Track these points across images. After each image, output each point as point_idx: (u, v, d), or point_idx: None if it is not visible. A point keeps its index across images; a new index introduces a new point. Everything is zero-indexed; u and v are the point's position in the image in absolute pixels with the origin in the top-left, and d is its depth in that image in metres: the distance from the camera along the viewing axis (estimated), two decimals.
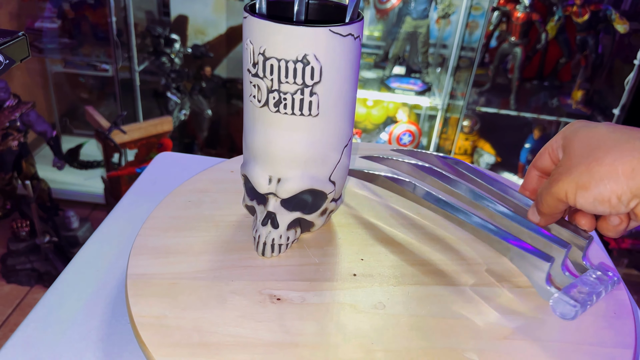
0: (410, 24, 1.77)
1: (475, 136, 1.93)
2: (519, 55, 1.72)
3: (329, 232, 0.51)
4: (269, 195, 0.46)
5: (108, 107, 2.08)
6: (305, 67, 0.40)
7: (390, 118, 2.02)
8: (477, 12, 1.84)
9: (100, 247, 0.54)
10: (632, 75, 1.62)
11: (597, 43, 1.73)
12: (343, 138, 0.46)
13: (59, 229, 1.61)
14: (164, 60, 1.81)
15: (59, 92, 2.15)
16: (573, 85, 1.83)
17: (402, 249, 0.50)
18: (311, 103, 0.42)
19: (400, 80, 1.90)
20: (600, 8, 1.66)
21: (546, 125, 1.95)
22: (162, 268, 0.45)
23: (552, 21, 1.70)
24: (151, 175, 0.66)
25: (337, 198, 0.50)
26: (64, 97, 2.17)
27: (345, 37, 0.41)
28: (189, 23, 1.93)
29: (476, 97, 1.82)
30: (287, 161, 0.45)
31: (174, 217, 0.51)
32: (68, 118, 2.17)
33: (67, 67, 2.00)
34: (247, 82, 0.44)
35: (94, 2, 1.89)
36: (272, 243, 0.47)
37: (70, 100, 2.19)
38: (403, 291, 0.44)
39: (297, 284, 0.44)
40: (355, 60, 0.43)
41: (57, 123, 2.16)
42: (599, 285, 0.44)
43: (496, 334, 0.41)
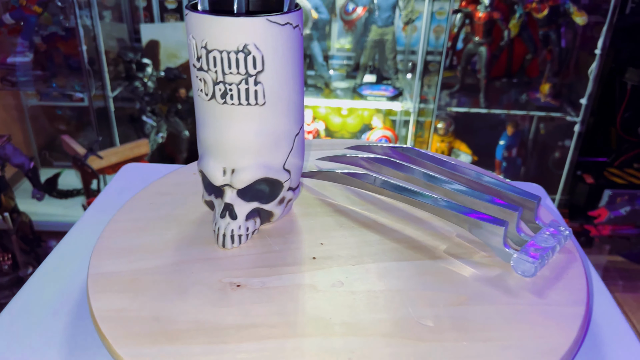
0: (376, 32, 1.81)
1: (451, 137, 1.96)
2: (484, 54, 1.76)
3: (289, 221, 0.52)
4: (224, 187, 0.47)
5: (86, 136, 2.09)
6: (247, 56, 0.42)
7: (366, 125, 2.05)
8: (441, 16, 1.88)
9: (64, 256, 0.55)
10: (595, 65, 1.67)
11: (559, 37, 1.77)
12: (293, 126, 0.47)
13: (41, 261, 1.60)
14: (137, 85, 1.83)
15: (36, 125, 2.15)
16: (541, 80, 1.87)
17: (362, 232, 0.51)
18: (257, 92, 0.43)
19: (371, 88, 1.94)
20: (559, 2, 1.71)
21: (519, 121, 1.99)
22: (123, 266, 0.45)
23: (514, 19, 1.75)
24: (117, 186, 0.67)
25: (294, 187, 0.51)
26: (41, 129, 2.17)
27: (283, 26, 0.42)
28: (161, 47, 1.95)
29: (448, 99, 1.86)
30: (239, 151, 0.46)
31: (135, 219, 0.52)
32: (47, 150, 2.17)
33: (43, 99, 2.00)
34: (194, 78, 0.45)
35: (65, 34, 1.91)
36: (231, 234, 0.47)
37: (48, 132, 2.19)
38: (362, 269, 0.45)
39: (258, 270, 0.45)
40: (296, 48, 0.44)
41: (36, 156, 2.15)
42: (552, 240, 0.46)
43: (452, 300, 0.42)
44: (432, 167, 0.55)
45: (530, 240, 0.46)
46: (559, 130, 1.95)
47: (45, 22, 1.88)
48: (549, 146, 2.07)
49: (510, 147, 1.99)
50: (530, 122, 2.08)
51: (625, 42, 1.84)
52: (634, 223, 1.67)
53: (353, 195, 0.57)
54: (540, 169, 2.11)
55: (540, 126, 2.08)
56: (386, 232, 0.50)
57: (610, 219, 1.67)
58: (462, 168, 0.53)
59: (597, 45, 1.65)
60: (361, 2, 1.79)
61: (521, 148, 2.04)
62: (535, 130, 2.10)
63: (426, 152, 0.57)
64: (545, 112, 1.83)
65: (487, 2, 1.69)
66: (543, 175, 2.08)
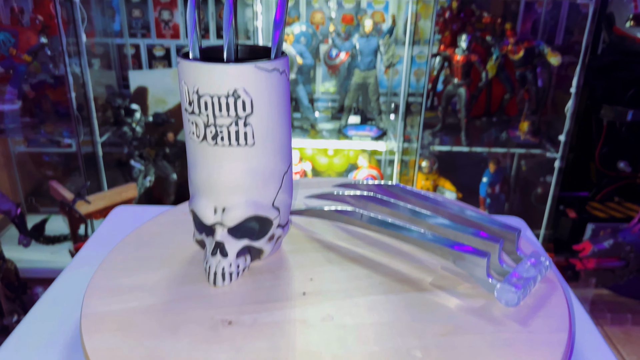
0: (359, 76, 1.87)
1: (435, 175, 2.00)
2: (464, 95, 1.82)
3: (279, 257, 0.54)
4: (215, 226, 0.48)
5: (74, 181, 2.09)
6: (236, 100, 0.44)
7: (352, 165, 2.08)
8: (421, 60, 1.96)
9: (56, 298, 0.55)
10: (571, 103, 1.73)
11: (535, 77, 1.85)
12: (282, 165, 0.49)
13: (27, 307, 1.57)
14: (125, 130, 1.85)
15: (23, 171, 2.15)
16: (520, 118, 1.93)
17: (350, 267, 0.52)
18: (246, 134, 0.45)
19: (356, 128, 1.98)
20: (533, 44, 1.79)
21: (500, 158, 2.04)
22: (116, 305, 0.46)
23: (491, 60, 1.82)
24: (109, 227, 0.68)
25: (283, 224, 0.52)
26: (28, 176, 2.17)
27: (270, 72, 0.45)
28: (149, 93, 1.99)
29: (430, 139, 1.91)
30: (229, 190, 0.47)
31: (127, 259, 0.53)
32: (34, 196, 2.16)
33: (30, 146, 2.01)
34: (186, 121, 0.47)
35: (54, 82, 1.94)
36: (222, 272, 0.48)
37: (35, 178, 2.19)
38: (351, 303, 0.47)
39: (249, 307, 0.46)
40: (283, 92, 0.47)
41: (23, 202, 2.14)
42: (534, 270, 0.47)
43: (440, 331, 0.43)
44: (417, 203, 0.57)
45: (513, 270, 0.48)
46: (540, 166, 2.00)
47: (34, 70, 1.92)
48: (531, 182, 2.11)
49: (493, 183, 2.03)
50: (511, 159, 2.13)
51: (599, 80, 1.92)
52: (617, 256, 1.70)
53: (341, 231, 0.59)
54: (524, 205, 2.15)
55: (521, 163, 2.14)
56: (374, 267, 0.52)
57: (595, 252, 1.70)
58: (444, 203, 0.55)
59: (572, 84, 1.72)
60: (344, 48, 1.85)
61: (504, 184, 2.09)
62: (517, 166, 2.15)
63: (410, 189, 0.59)
64: (525, 149, 1.89)
65: (464, 45, 1.77)
66: (527, 210, 2.12)
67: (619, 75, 1.90)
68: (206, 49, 0.48)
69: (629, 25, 1.85)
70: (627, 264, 1.70)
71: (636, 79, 1.87)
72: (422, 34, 1.80)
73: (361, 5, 2.02)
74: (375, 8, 2.02)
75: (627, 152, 1.97)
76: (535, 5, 2.00)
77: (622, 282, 1.73)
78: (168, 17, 2.01)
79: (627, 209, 1.99)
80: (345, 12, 2.02)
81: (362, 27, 1.83)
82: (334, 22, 1.86)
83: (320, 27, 2.02)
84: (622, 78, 1.89)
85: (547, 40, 1.99)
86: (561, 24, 2.00)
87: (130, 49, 2.06)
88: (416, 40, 1.81)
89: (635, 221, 1.74)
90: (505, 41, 1.79)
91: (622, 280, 1.73)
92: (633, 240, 1.69)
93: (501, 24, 1.87)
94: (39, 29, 1.75)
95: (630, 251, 1.69)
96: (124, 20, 2.03)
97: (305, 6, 2.01)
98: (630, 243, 1.69)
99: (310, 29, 1.96)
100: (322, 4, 2.01)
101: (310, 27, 1.97)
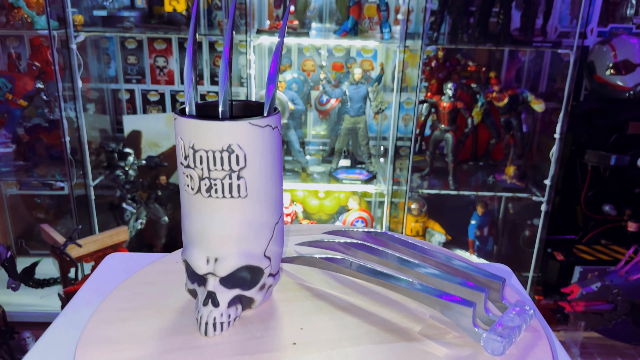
0: (349, 121, 1.91)
1: (425, 217, 2.02)
2: (450, 140, 1.87)
3: (270, 306, 0.54)
4: (207, 276, 0.50)
5: (65, 224, 2.09)
6: (230, 155, 0.46)
7: (343, 207, 2.10)
8: (409, 106, 2.01)
9: (49, 347, 0.55)
10: (555, 148, 1.78)
11: (520, 123, 1.90)
12: (273, 216, 0.51)
13: (14, 353, 1.54)
14: (118, 174, 1.86)
15: (15, 214, 2.14)
16: (506, 163, 1.98)
17: (340, 316, 0.53)
18: (239, 186, 0.47)
19: (346, 172, 2.02)
20: (517, 92, 1.85)
21: (488, 202, 2.07)
22: (109, 356, 0.46)
23: (477, 107, 1.88)
24: (101, 275, 0.68)
25: (274, 273, 0.54)
26: (19, 218, 2.17)
27: (263, 128, 0.47)
28: (143, 137, 2.01)
29: (419, 182, 1.94)
30: (222, 241, 0.49)
31: (120, 309, 0.54)
32: (24, 239, 2.15)
33: (23, 188, 2.02)
34: (181, 174, 0.49)
35: (48, 125, 1.97)
36: (213, 322, 0.49)
37: (26, 221, 2.18)
38: (341, 353, 0.47)
39: (239, 358, 0.47)
40: (275, 146, 0.49)
41: (13, 245, 2.13)
42: (519, 319, 0.49)
43: None
44: (405, 251, 0.58)
45: (498, 320, 0.49)
46: (527, 210, 2.03)
47: (29, 114, 1.94)
48: (519, 225, 2.14)
49: (482, 226, 2.05)
50: (499, 202, 2.16)
51: (582, 126, 1.98)
52: (605, 299, 1.71)
53: (331, 279, 0.60)
54: (512, 247, 2.17)
55: (508, 206, 2.17)
56: (363, 315, 0.53)
57: (583, 295, 1.71)
58: (432, 252, 0.57)
59: (556, 130, 1.77)
60: (334, 95, 1.90)
61: (492, 227, 2.11)
62: (505, 209, 2.18)
63: (399, 237, 0.61)
64: (511, 192, 1.92)
65: (450, 93, 1.82)
66: (515, 253, 2.13)
67: (601, 121, 1.96)
68: (202, 105, 0.51)
69: (609, 73, 1.92)
70: (615, 307, 1.71)
71: (618, 125, 1.93)
72: (409, 82, 1.86)
73: (351, 54, 2.09)
74: (364, 56, 2.09)
75: (612, 196, 2.01)
76: (519, 53, 2.08)
77: (611, 326, 1.74)
78: (163, 63, 2.06)
79: (614, 252, 2.02)
80: (335, 60, 2.09)
81: (351, 74, 1.88)
82: (325, 69, 1.91)
83: (312, 74, 2.08)
84: (605, 124, 1.95)
85: (530, 87, 2.07)
86: (544, 72, 2.07)
87: (125, 94, 2.10)
88: (404, 87, 1.87)
89: (621, 264, 1.76)
90: (490, 89, 1.85)
91: (610, 324, 1.73)
92: (620, 284, 1.71)
93: (486, 72, 1.94)
94: (35, 75, 1.79)
95: (617, 294, 1.71)
96: (119, 66, 2.07)
97: (297, 54, 2.08)
98: (617, 286, 1.71)
99: (301, 76, 2.02)
100: (313, 52, 2.08)
101: (302, 74, 2.03)
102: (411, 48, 1.79)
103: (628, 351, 1.79)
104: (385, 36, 1.83)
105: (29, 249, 2.15)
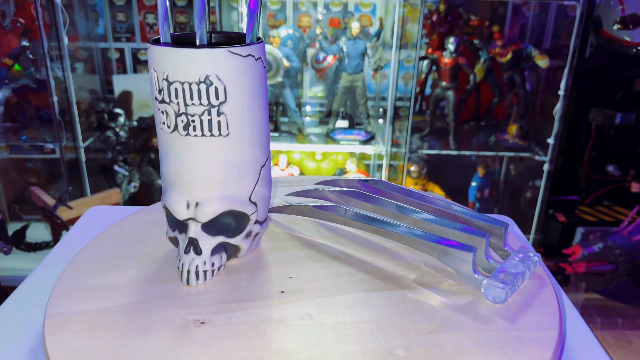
0: (346, 79, 1.85)
1: (424, 180, 1.98)
2: (452, 98, 1.81)
3: (258, 256, 0.51)
4: (188, 221, 0.46)
5: (57, 188, 2.05)
6: (208, 87, 0.42)
7: (340, 169, 2.07)
8: (409, 64, 1.95)
9: (22, 299, 0.52)
10: (559, 105, 1.73)
11: (523, 80, 1.84)
12: (258, 157, 0.47)
13: None
14: (109, 135, 1.82)
15: (6, 178, 2.10)
16: (509, 122, 1.93)
17: (332, 264, 0.50)
18: (220, 123, 0.43)
19: (344, 132, 1.97)
20: (521, 47, 1.79)
21: (489, 163, 2.03)
22: (83, 306, 0.43)
23: (479, 64, 1.82)
24: (82, 228, 0.65)
25: (261, 220, 0.50)
26: (10, 183, 2.13)
27: (245, 58, 0.43)
28: (133, 98, 1.96)
29: (419, 143, 1.90)
30: (202, 184, 0.45)
31: (96, 259, 0.50)
32: (17, 204, 2.11)
33: (13, 152, 1.97)
34: (156, 111, 0.45)
35: (36, 86, 1.91)
36: (196, 270, 0.46)
37: (18, 186, 2.15)
38: (331, 301, 0.44)
39: (223, 306, 0.43)
40: (259, 80, 0.45)
41: (5, 209, 2.10)
42: (522, 266, 0.45)
43: (423, 329, 0.41)
44: (401, 199, 0.54)
45: (500, 266, 0.46)
46: (529, 171, 1.99)
47: (16, 75, 1.88)
48: (520, 186, 2.10)
49: (482, 188, 2.02)
50: (500, 163, 2.12)
51: (587, 84, 1.92)
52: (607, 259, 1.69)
53: (322, 228, 0.56)
54: (513, 209, 2.14)
55: (510, 167, 2.13)
56: (356, 264, 0.50)
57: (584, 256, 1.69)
58: (430, 198, 0.53)
59: (560, 87, 1.72)
60: (331, 51, 1.84)
61: (493, 189, 2.08)
62: (506, 171, 2.14)
63: (395, 185, 0.57)
64: (514, 152, 1.88)
65: (452, 48, 1.76)
66: (516, 215, 2.10)
67: (606, 78, 1.91)
68: (179, 36, 0.46)
69: (616, 28, 1.86)
70: (616, 267, 1.69)
71: (624, 82, 1.88)
72: (409, 37, 1.79)
73: (348, 8, 2.01)
74: (363, 11, 2.01)
75: (615, 156, 1.97)
76: (523, 8, 2.00)
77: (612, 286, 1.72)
78: (153, 20, 1.99)
79: (617, 213, 1.99)
80: (332, 16, 2.01)
81: (349, 30, 1.81)
82: (321, 25, 1.84)
83: (308, 31, 2.01)
84: (610, 81, 1.90)
85: (535, 43, 2.00)
86: (549, 27, 2.00)
87: (115, 53, 2.04)
88: (404, 44, 1.80)
89: (624, 225, 1.74)
90: (493, 44, 1.79)
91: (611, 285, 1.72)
92: (622, 244, 1.69)
93: (489, 27, 1.87)
94: (20, 32, 1.72)
95: (619, 255, 1.68)
96: (108, 23, 2.00)
97: (292, 9, 2.00)
98: (619, 247, 1.69)
99: (297, 33, 1.95)
100: (309, 7, 2.00)
101: (297, 30, 1.96)
102: (411, 1, 1.72)
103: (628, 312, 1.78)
104: None
105: (22, 214, 2.12)
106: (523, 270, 0.45)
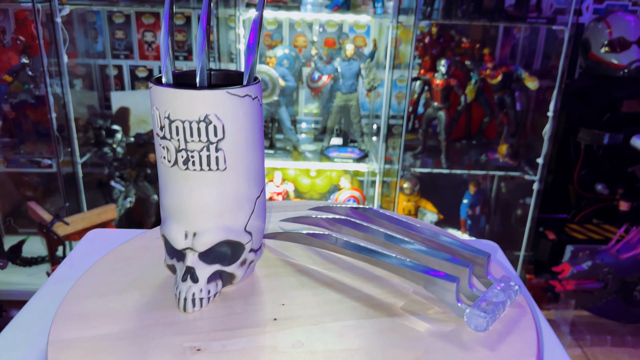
0: (341, 98, 1.89)
1: (417, 197, 2.01)
2: (443, 118, 1.85)
3: (252, 282, 0.53)
4: (186, 251, 0.48)
5: (53, 202, 2.06)
6: (208, 126, 0.44)
7: (335, 186, 2.09)
8: (402, 83, 1.99)
9: (25, 324, 0.54)
10: (549, 126, 1.76)
11: (514, 100, 1.88)
12: (254, 189, 0.49)
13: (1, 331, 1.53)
14: (106, 151, 1.84)
15: (2, 191, 2.12)
16: (499, 141, 1.96)
17: (323, 291, 0.52)
18: (217, 158, 0.46)
19: (338, 150, 2.00)
20: (511, 69, 1.83)
21: (480, 180, 2.06)
22: (84, 332, 0.45)
23: (470, 85, 1.85)
24: (81, 252, 0.67)
25: (256, 248, 0.52)
26: (7, 196, 2.14)
27: (243, 98, 0.45)
28: (131, 114, 1.98)
29: (411, 160, 1.93)
30: (200, 215, 0.47)
31: (97, 284, 0.52)
32: (13, 217, 2.12)
33: (10, 166, 1.99)
34: (157, 146, 0.47)
35: (35, 102, 1.93)
36: (192, 297, 0.48)
37: (14, 199, 2.16)
38: (322, 329, 0.46)
39: (218, 333, 0.46)
40: (255, 117, 0.47)
41: (1, 223, 2.11)
42: (503, 295, 0.48)
43: (410, 357, 0.43)
44: (390, 227, 0.57)
45: (482, 295, 0.48)
46: (519, 189, 2.03)
47: (15, 90, 1.90)
48: (511, 204, 2.14)
49: (474, 205, 2.05)
50: (491, 181, 2.16)
51: (576, 104, 1.96)
52: (596, 277, 1.72)
53: (315, 255, 0.59)
54: (504, 226, 2.17)
55: (501, 185, 2.16)
56: (346, 291, 0.52)
57: (574, 274, 1.71)
58: (418, 227, 0.55)
59: (549, 108, 1.76)
60: (326, 71, 1.87)
61: (484, 206, 2.11)
62: (497, 188, 2.17)
63: (384, 212, 0.59)
64: (504, 171, 1.91)
65: (444, 70, 1.80)
66: (507, 232, 2.13)
67: (595, 99, 1.95)
68: (179, 74, 0.49)
69: (603, 51, 1.90)
70: (605, 285, 1.72)
71: (612, 103, 1.92)
72: (402, 58, 1.83)
73: (343, 29, 2.05)
74: (357, 32, 2.05)
75: (604, 175, 2.00)
76: (514, 31, 2.05)
77: (601, 304, 1.75)
78: (151, 38, 2.02)
79: (605, 231, 2.02)
80: (327, 36, 2.05)
81: (343, 50, 1.85)
82: (317, 45, 1.88)
83: (303, 51, 2.05)
84: (598, 102, 1.94)
85: (525, 65, 2.04)
86: (539, 49, 2.05)
87: (113, 70, 2.06)
88: (397, 65, 1.84)
89: (612, 243, 1.77)
90: (483, 66, 1.83)
91: (600, 302, 1.74)
92: (611, 262, 1.72)
93: (480, 49, 1.91)
94: (20, 49, 1.75)
95: (608, 273, 1.71)
96: (107, 41, 2.03)
97: (289, 30, 2.04)
98: (608, 265, 1.71)
99: (293, 52, 1.99)
100: (305, 27, 2.04)
101: (293, 50, 2.00)
102: (404, 24, 1.76)
103: (617, 329, 1.80)
104: (378, 10, 1.80)
105: (17, 227, 2.13)
106: (504, 299, 0.48)
